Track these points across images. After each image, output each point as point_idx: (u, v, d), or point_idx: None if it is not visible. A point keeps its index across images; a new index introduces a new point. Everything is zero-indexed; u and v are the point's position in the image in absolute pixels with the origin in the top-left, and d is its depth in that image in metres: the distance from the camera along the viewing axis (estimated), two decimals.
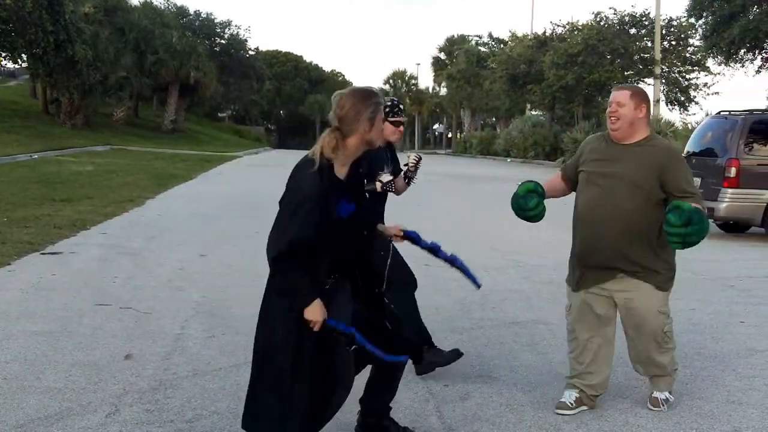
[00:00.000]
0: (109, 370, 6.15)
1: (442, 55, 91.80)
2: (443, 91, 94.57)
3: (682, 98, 46.03)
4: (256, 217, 16.14)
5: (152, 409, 5.34)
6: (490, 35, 78.36)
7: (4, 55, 41.98)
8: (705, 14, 37.29)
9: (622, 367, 6.57)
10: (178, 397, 5.58)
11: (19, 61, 44.83)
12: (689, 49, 45.57)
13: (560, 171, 5.91)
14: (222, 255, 11.62)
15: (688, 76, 46.33)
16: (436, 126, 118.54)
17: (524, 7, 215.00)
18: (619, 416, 5.49)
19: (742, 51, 36.68)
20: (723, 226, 16.77)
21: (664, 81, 44.67)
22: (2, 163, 26.00)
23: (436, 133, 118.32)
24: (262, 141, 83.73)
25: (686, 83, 46.28)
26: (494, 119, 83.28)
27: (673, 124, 39.15)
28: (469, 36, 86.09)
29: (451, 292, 9.09)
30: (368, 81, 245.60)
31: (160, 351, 6.71)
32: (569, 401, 5.51)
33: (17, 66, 52.98)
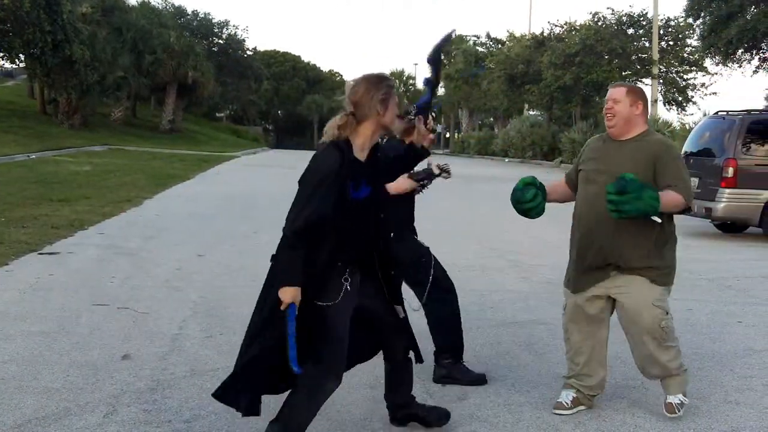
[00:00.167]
0: (106, 370, 6.14)
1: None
2: (441, 91, 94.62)
3: (680, 98, 46.06)
4: (254, 217, 16.17)
5: (150, 410, 5.34)
6: (488, 35, 78.53)
7: (1, 55, 42.04)
8: (703, 14, 37.32)
9: (619, 367, 6.58)
10: (175, 398, 5.58)
11: (16, 61, 44.84)
12: (687, 49, 45.61)
13: (564, 176, 5.90)
14: (220, 255, 11.61)
15: (685, 76, 46.37)
16: (437, 127, 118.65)
17: (522, 7, 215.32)
18: (616, 416, 5.50)
19: (740, 51, 36.71)
20: (721, 227, 16.78)
21: (661, 81, 44.71)
22: (0, 163, 25.99)
23: (436, 132, 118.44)
24: (260, 141, 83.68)
25: (684, 83, 46.31)
26: (492, 119, 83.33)
27: (671, 124, 39.21)
28: (467, 36, 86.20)
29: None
30: None
31: (158, 351, 6.71)
32: (566, 401, 5.51)
33: (15, 66, 53.03)
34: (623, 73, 45.35)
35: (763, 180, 15.15)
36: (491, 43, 74.92)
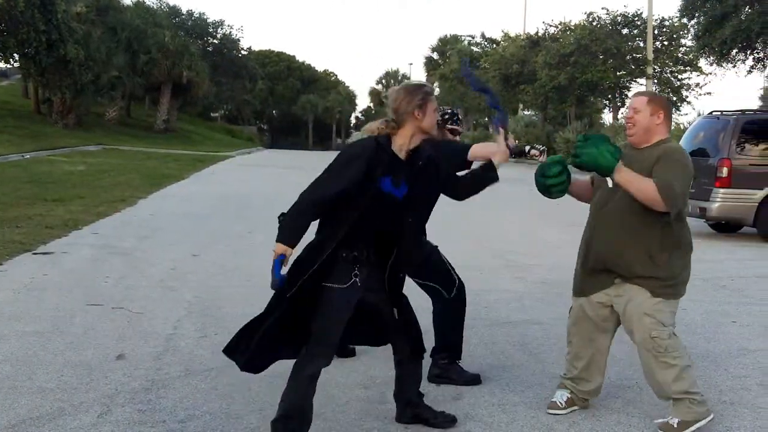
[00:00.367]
0: (101, 370, 6.13)
1: (435, 55, 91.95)
2: (436, 91, 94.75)
3: (674, 98, 46.10)
4: (249, 217, 16.17)
5: (144, 410, 5.33)
6: (483, 35, 78.71)
7: None
8: (697, 14, 37.37)
9: (614, 367, 6.58)
10: (170, 398, 5.58)
11: (11, 60, 44.80)
12: (681, 49, 45.71)
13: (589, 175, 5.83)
14: (214, 255, 11.61)
15: (680, 77, 46.48)
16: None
17: (517, 7, 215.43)
18: (611, 416, 5.50)
19: (734, 51, 36.76)
20: (715, 226, 16.81)
21: (656, 81, 44.74)
22: None
23: None
24: (254, 141, 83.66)
25: (678, 83, 46.42)
26: (487, 119, 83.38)
27: None
28: (461, 36, 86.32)
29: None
30: (361, 81, 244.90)
31: (152, 351, 6.70)
32: (560, 401, 5.50)
33: (9, 66, 52.96)
34: (618, 73, 45.49)
35: (758, 180, 15.18)
36: (486, 43, 75.06)
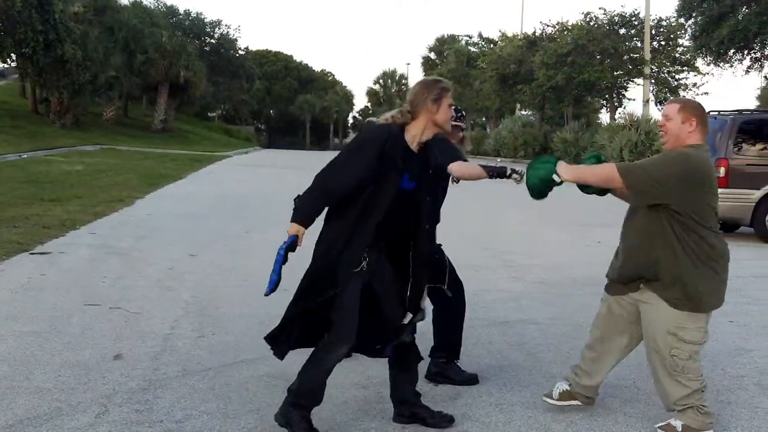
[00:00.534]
0: (98, 370, 6.13)
1: (432, 55, 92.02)
2: None
3: (672, 98, 46.09)
4: (246, 217, 16.17)
5: (142, 410, 5.33)
6: (480, 35, 78.69)
7: None
8: (694, 14, 37.42)
9: None
10: (167, 398, 5.57)
11: (8, 60, 44.78)
12: (678, 49, 45.77)
13: None
14: (212, 255, 11.60)
15: (677, 76, 46.51)
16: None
17: (514, 7, 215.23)
18: (608, 416, 5.50)
19: (731, 51, 36.80)
20: None
21: (653, 81, 44.83)
22: None
23: None
24: (252, 141, 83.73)
25: (675, 83, 46.47)
26: (484, 119, 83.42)
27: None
28: (459, 36, 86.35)
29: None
30: (358, 81, 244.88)
31: (150, 351, 6.70)
32: (555, 392, 5.48)
33: (6, 65, 52.95)
34: (615, 73, 45.52)
35: (755, 180, 15.20)
36: (483, 43, 75.05)
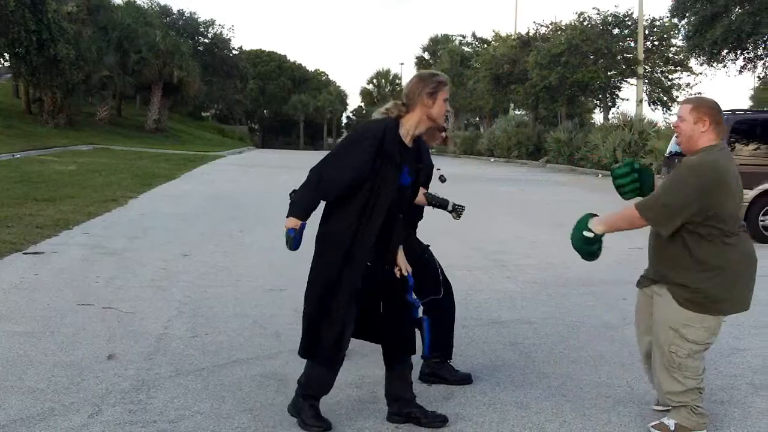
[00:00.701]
0: (91, 370, 6.13)
1: (426, 55, 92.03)
2: None
3: (665, 98, 46.17)
4: (240, 216, 16.16)
5: (135, 410, 5.33)
6: (474, 35, 78.80)
7: None
8: (688, 14, 37.43)
9: (604, 367, 6.61)
10: (160, 398, 5.57)
11: (1, 60, 44.75)
12: (672, 49, 45.74)
13: None
14: (205, 255, 11.59)
15: (670, 76, 46.51)
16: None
17: (508, 7, 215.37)
18: (601, 415, 5.51)
19: (725, 51, 36.85)
20: None
21: (647, 81, 44.81)
22: None
23: None
24: (245, 140, 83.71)
25: (669, 83, 46.45)
26: (478, 119, 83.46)
27: (656, 124, 39.22)
28: (452, 36, 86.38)
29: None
30: (352, 80, 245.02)
31: (143, 351, 6.69)
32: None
33: (0, 65, 52.85)
34: (609, 73, 45.51)
35: (748, 179, 15.12)
36: (477, 43, 75.08)
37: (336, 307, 4.92)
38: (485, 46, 68.02)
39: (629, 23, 45.66)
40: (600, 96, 49.40)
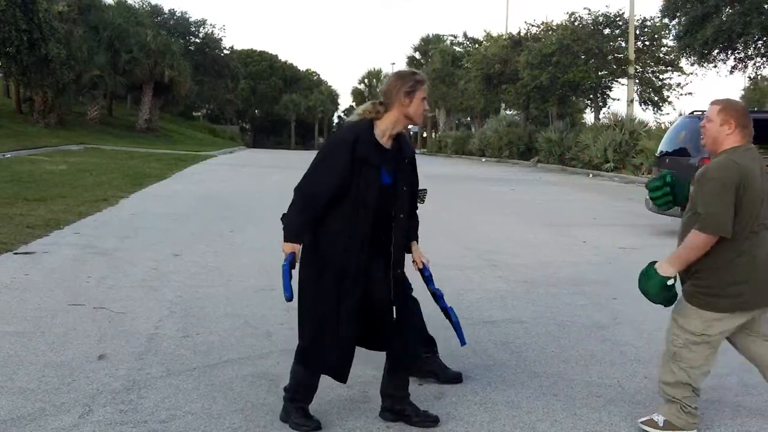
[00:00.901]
0: (82, 370, 6.12)
1: (417, 55, 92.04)
2: None
3: (656, 98, 46.27)
4: (231, 216, 16.15)
5: (126, 410, 5.32)
6: (465, 35, 78.75)
7: None
8: (678, 15, 37.48)
9: (595, 366, 6.62)
10: (151, 398, 5.56)
11: None
12: (663, 49, 45.81)
13: None
14: (196, 255, 11.57)
15: (661, 76, 46.60)
16: (410, 126, 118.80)
17: (499, 7, 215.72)
18: (592, 415, 5.51)
19: (715, 51, 36.91)
20: None
21: (637, 81, 44.88)
22: None
23: (411, 132, 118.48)
24: (236, 140, 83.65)
25: (660, 83, 46.53)
26: (469, 119, 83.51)
27: (647, 124, 39.31)
28: (444, 35, 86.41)
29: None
30: (343, 80, 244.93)
31: (134, 351, 6.68)
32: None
33: None
34: (600, 73, 45.58)
35: None
36: (468, 43, 75.13)
37: (330, 314, 4.94)
38: (476, 46, 68.09)
39: (620, 23, 45.75)
40: (591, 96, 49.47)
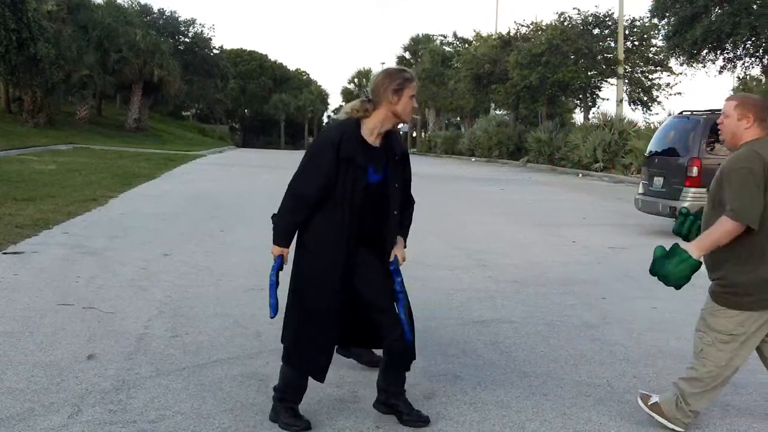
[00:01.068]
0: (71, 370, 6.10)
1: (407, 55, 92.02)
2: None
3: (645, 98, 46.41)
4: (220, 216, 16.13)
5: (115, 410, 5.31)
6: (455, 35, 78.81)
7: None
8: (667, 15, 37.59)
9: (584, 366, 6.63)
10: (141, 398, 5.55)
11: None
12: (652, 49, 45.94)
13: None
14: (186, 254, 11.56)
15: (650, 76, 46.72)
16: (400, 125, 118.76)
17: (489, 7, 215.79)
18: (581, 414, 5.52)
19: (704, 51, 37.02)
20: None
21: (627, 81, 45.00)
22: None
23: (401, 132, 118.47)
24: (226, 140, 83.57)
25: (649, 83, 46.66)
26: (459, 118, 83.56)
27: (636, 124, 39.41)
28: (433, 35, 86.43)
29: (415, 291, 9.08)
30: (333, 80, 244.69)
31: (123, 351, 6.67)
32: None
33: None
34: (589, 73, 45.68)
35: None
36: (458, 43, 75.20)
37: (317, 312, 4.96)
38: (466, 45, 68.20)
39: (609, 23, 45.86)
40: (580, 96, 49.59)
